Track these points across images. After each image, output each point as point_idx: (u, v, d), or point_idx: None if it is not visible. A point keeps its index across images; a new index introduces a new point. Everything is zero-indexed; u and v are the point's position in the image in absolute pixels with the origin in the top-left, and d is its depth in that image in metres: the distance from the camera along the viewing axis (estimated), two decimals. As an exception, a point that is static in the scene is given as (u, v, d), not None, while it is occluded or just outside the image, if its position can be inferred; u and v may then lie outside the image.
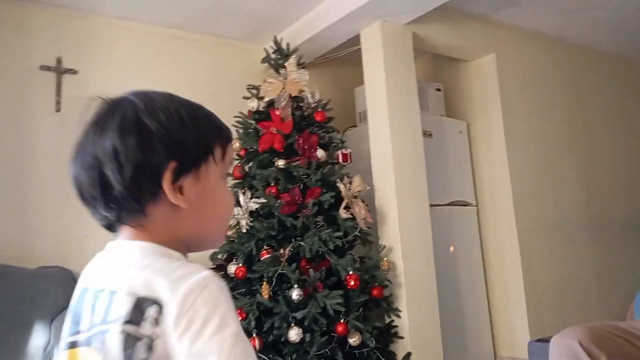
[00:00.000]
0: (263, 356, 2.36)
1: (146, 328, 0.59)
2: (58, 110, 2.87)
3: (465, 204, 3.53)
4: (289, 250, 2.55)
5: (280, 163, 2.71)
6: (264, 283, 2.45)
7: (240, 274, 2.51)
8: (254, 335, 2.38)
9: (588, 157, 4.09)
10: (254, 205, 2.60)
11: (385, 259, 2.79)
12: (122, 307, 0.61)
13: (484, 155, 3.62)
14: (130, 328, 0.60)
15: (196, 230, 0.70)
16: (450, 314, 3.19)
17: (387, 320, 2.77)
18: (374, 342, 2.52)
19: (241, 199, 2.61)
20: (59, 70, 2.90)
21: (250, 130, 2.85)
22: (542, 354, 1.87)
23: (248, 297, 2.49)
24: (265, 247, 2.55)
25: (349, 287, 2.53)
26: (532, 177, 3.60)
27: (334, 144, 2.95)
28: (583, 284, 3.75)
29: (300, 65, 2.97)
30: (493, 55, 3.55)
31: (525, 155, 3.60)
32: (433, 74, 3.91)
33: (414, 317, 2.81)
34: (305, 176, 2.71)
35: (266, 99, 2.85)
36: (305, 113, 2.88)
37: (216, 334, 0.58)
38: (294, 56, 2.96)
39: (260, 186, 2.70)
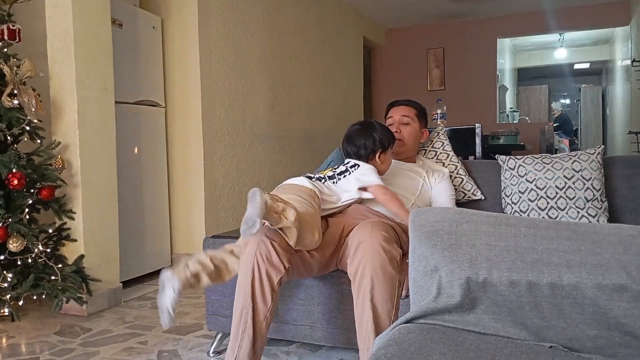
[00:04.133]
0: None
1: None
2: None
3: (154, 105, 3.42)
4: None
5: None
6: None
7: None
8: None
9: (277, 73, 4.42)
10: None
11: (59, 156, 2.53)
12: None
13: (177, 56, 3.53)
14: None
15: (382, 170, 1.97)
16: (131, 215, 3.15)
17: (59, 223, 2.55)
18: (41, 247, 2.30)
19: None
20: None
21: None
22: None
23: None
24: None
25: (11, 187, 2.21)
26: (222, 84, 3.71)
27: (-2, 16, 2.43)
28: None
29: None
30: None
31: (218, 61, 3.66)
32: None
33: (90, 219, 2.65)
34: (-47, 50, 2.18)
35: None
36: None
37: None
38: None
39: None
